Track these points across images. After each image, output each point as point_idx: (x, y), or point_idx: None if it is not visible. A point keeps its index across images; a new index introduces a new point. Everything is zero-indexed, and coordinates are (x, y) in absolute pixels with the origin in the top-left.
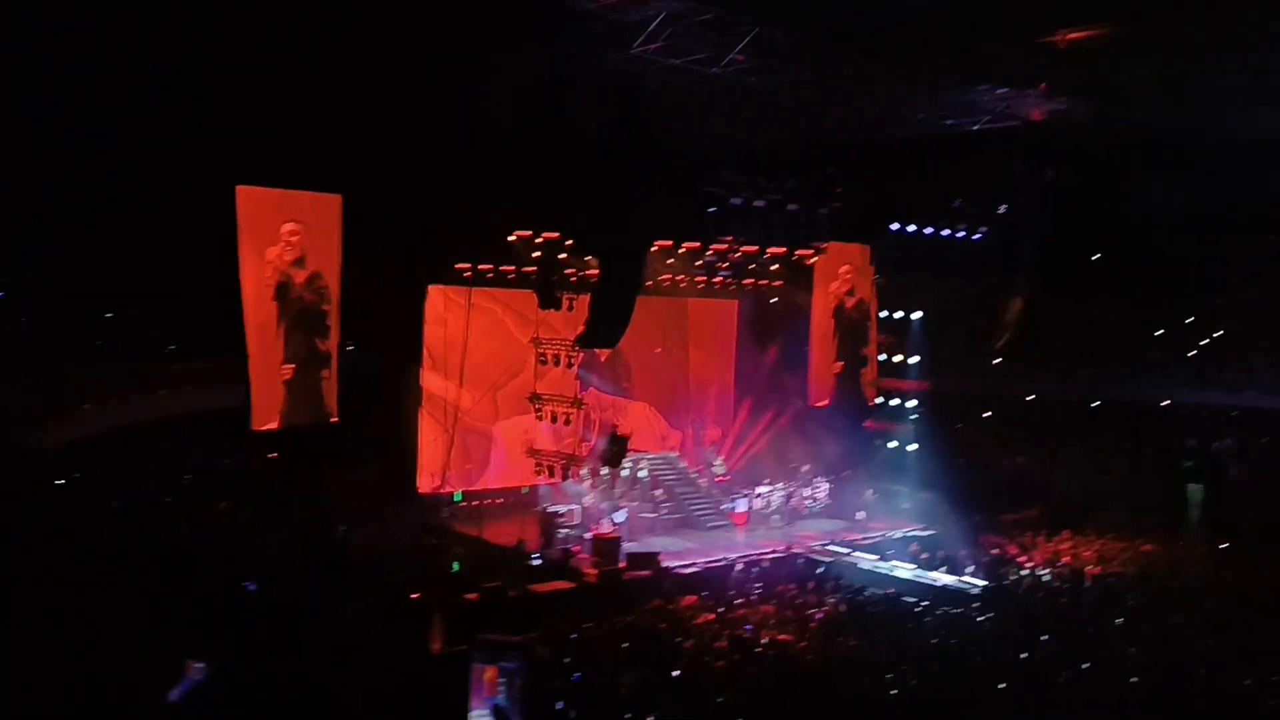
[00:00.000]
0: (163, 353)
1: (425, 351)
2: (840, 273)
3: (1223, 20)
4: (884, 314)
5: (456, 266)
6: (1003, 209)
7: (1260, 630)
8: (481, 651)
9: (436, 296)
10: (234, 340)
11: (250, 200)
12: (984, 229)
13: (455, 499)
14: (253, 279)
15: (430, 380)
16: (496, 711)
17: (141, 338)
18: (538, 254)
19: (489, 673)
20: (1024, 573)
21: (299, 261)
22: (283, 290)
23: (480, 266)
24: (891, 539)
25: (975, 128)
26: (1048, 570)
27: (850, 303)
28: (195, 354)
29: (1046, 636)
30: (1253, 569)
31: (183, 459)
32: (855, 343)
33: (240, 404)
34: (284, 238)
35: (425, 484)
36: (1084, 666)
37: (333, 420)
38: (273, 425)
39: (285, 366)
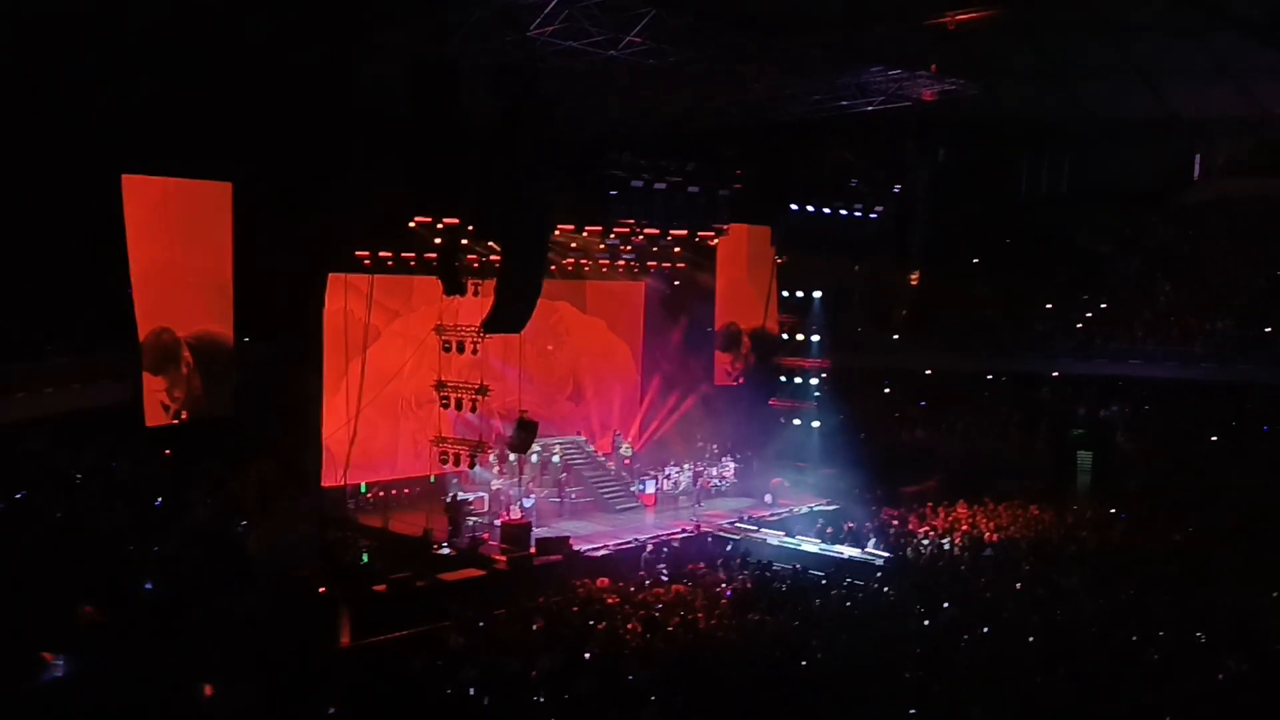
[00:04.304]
0: (43, 350)
1: (325, 341)
2: (742, 254)
3: (1090, 6)
4: (785, 293)
5: (356, 254)
6: (897, 188)
7: (1145, 589)
8: None
9: (336, 285)
10: (121, 336)
11: (137, 190)
12: (880, 208)
13: (361, 491)
14: (142, 273)
15: (331, 371)
16: None
17: (16, 336)
18: (439, 240)
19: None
20: (925, 543)
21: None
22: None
23: (380, 254)
24: (797, 515)
25: (869, 109)
26: (947, 539)
27: (752, 284)
28: (78, 351)
29: (947, 604)
30: (1139, 531)
31: (72, 459)
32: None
33: (130, 400)
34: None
35: (328, 477)
36: (984, 631)
37: (230, 415)
38: (166, 421)
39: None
